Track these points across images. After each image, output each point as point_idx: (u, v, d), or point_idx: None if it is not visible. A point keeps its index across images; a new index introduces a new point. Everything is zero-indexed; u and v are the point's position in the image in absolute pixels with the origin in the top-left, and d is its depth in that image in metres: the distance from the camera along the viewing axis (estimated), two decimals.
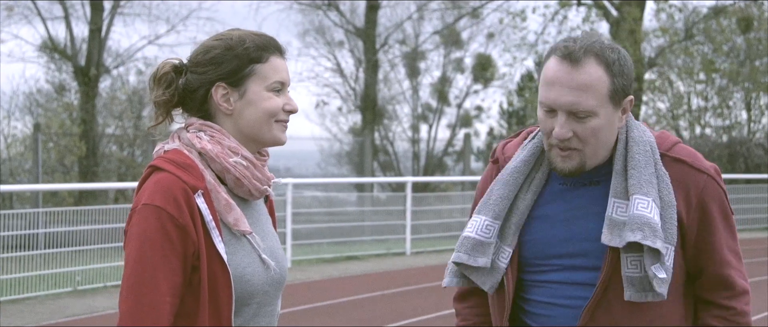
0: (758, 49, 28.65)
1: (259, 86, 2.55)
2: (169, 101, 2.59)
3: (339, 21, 31.54)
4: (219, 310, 2.46)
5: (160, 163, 2.50)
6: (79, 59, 25.70)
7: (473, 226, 2.74)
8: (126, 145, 24.98)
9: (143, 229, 2.43)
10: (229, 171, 2.53)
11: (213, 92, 2.55)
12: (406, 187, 16.84)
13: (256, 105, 2.55)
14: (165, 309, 2.40)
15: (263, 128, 2.56)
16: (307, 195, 20.36)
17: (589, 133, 2.59)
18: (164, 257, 2.42)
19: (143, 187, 2.49)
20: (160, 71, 2.58)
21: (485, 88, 33.16)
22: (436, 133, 32.45)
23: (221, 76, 2.54)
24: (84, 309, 10.69)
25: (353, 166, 30.13)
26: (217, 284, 2.46)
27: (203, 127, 2.56)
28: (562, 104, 2.58)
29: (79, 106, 24.98)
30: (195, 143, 2.53)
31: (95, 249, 12.27)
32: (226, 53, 2.54)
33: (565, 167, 2.64)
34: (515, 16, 28.64)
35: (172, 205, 2.43)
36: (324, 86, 32.67)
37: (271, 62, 2.56)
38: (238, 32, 2.58)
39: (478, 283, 2.74)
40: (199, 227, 2.45)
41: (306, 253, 15.29)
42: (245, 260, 2.52)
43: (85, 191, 20.39)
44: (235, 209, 2.51)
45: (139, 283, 2.41)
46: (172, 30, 27.75)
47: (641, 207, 2.57)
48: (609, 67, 2.58)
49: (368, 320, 9.97)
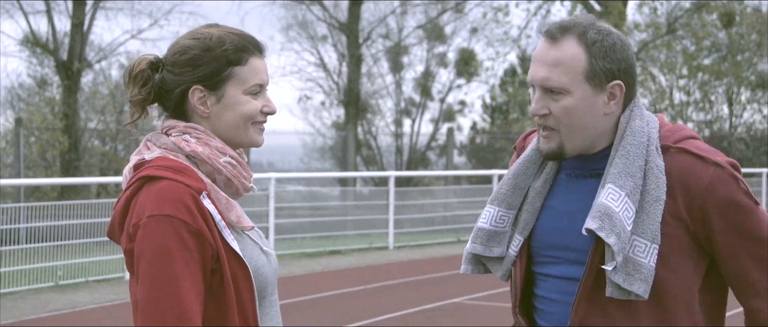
0: (740, 44, 28.78)
1: (237, 90, 2.48)
2: (145, 99, 2.52)
3: (322, 15, 31.51)
4: (244, 308, 2.41)
5: (154, 171, 2.40)
6: (61, 53, 25.60)
7: (487, 217, 2.71)
8: (108, 139, 24.91)
9: (159, 242, 2.32)
10: (220, 172, 2.47)
11: (189, 95, 2.48)
12: (389, 181, 16.84)
13: (234, 109, 2.48)
14: (196, 318, 2.31)
15: (240, 131, 2.50)
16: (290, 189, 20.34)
17: (562, 111, 2.54)
18: (186, 267, 2.32)
19: (141, 201, 2.38)
20: (136, 68, 2.50)
21: (468, 83, 33.21)
22: (419, 128, 32.51)
23: (198, 78, 2.47)
24: (66, 304, 10.66)
25: (336, 160, 30.13)
26: (238, 282, 2.40)
27: (188, 129, 2.48)
28: (535, 79, 2.56)
29: (61, 100, 24.89)
30: (183, 147, 2.46)
31: (77, 244, 12.23)
32: (204, 55, 2.46)
33: (544, 148, 2.60)
34: (498, 10, 28.68)
35: (184, 211, 2.34)
36: (307, 81, 32.67)
37: (250, 64, 2.49)
38: (217, 31, 2.50)
39: (492, 270, 2.74)
40: (213, 229, 2.38)
41: (289, 247, 15.28)
42: (255, 254, 2.48)
43: (67, 186, 20.30)
44: (235, 207, 2.47)
45: (163, 297, 2.30)
46: (155, 24, 27.69)
47: (611, 198, 2.50)
48: (588, 46, 2.53)
49: (351, 314, 9.97)
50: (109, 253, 12.40)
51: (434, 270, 13.29)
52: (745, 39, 28.76)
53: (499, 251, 2.70)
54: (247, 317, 2.42)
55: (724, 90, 30.04)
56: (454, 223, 17.77)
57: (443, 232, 17.54)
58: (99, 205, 12.66)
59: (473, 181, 20.02)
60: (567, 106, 2.54)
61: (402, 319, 9.75)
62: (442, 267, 13.52)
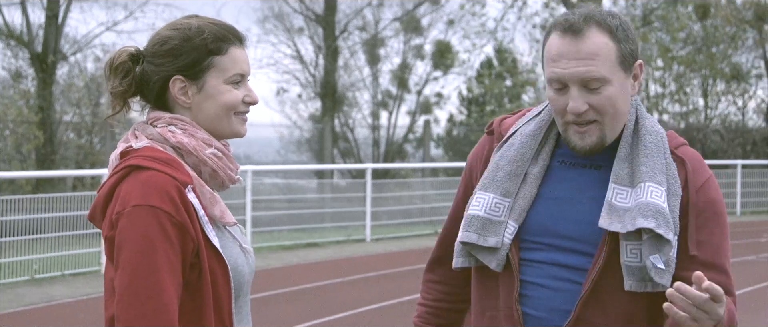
0: (715, 36, 28.93)
1: (218, 79, 2.47)
2: (126, 91, 2.50)
3: (298, 7, 31.47)
4: (220, 305, 2.40)
5: (141, 161, 2.38)
6: (36, 46, 25.45)
7: (481, 204, 2.63)
8: (84, 132, 24.80)
9: (141, 232, 2.31)
10: (205, 163, 2.45)
11: (170, 85, 2.46)
12: (366, 173, 16.85)
13: (215, 98, 2.47)
14: (174, 313, 2.31)
15: (223, 121, 2.49)
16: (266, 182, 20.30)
17: (605, 102, 2.52)
18: (167, 258, 2.31)
19: (125, 189, 2.36)
20: (117, 60, 2.49)
21: (445, 75, 33.24)
22: (396, 120, 32.53)
23: (179, 68, 2.46)
24: (41, 298, 10.62)
25: (313, 153, 30.12)
26: (216, 279, 2.39)
27: (173, 120, 2.47)
28: (572, 76, 2.52)
29: (36, 93, 24.75)
30: (169, 138, 2.44)
31: (53, 237, 12.17)
32: (184, 45, 2.45)
33: (585, 144, 2.56)
34: (475, 2, 28.71)
35: (168, 203, 2.32)
36: (284, 73, 32.65)
37: (230, 54, 2.48)
38: (197, 21, 2.49)
39: (486, 261, 2.63)
40: (195, 223, 2.36)
41: (266, 240, 15.26)
42: (234, 252, 2.46)
43: (43, 179, 20.20)
44: (219, 202, 2.45)
45: (142, 287, 2.29)
46: (130, 16, 27.56)
47: (655, 195, 2.51)
48: (613, 33, 2.53)
49: (328, 307, 9.98)
50: (86, 246, 12.35)
51: (412, 262, 13.30)
52: (719, 31, 28.92)
53: (495, 241, 2.61)
54: (223, 314, 2.40)
55: (699, 82, 30.20)
56: (431, 215, 17.79)
57: (420, 225, 17.56)
58: (75, 198, 12.60)
59: (450, 173, 20.03)
60: (610, 96, 2.52)
61: (380, 312, 9.76)
62: (419, 259, 13.52)
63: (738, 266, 13.27)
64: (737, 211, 21.64)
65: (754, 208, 22.06)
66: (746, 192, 22.04)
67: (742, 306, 2.82)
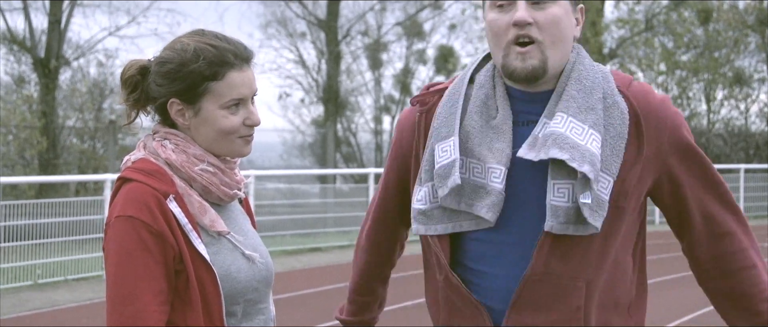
0: (717, 41, 28.94)
1: (214, 105, 2.46)
2: (136, 103, 2.54)
3: (301, 12, 31.50)
4: (210, 311, 2.43)
5: (129, 173, 2.46)
6: (39, 51, 25.49)
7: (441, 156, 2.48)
8: (87, 137, 24.83)
9: (119, 242, 2.38)
10: (195, 180, 2.48)
11: (168, 107, 2.49)
12: (369, 178, 16.85)
13: (211, 124, 2.48)
14: (151, 318, 2.35)
15: (221, 145, 2.50)
16: (269, 187, 20.31)
17: (549, 20, 2.42)
18: (145, 266, 2.36)
19: (115, 201, 2.45)
20: (126, 73, 2.52)
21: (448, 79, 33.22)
22: None
23: (175, 92, 2.47)
24: (45, 302, 10.62)
25: (316, 157, 30.14)
26: (204, 285, 2.42)
27: (167, 135, 2.51)
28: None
29: (39, 98, 24.78)
30: (160, 153, 2.48)
31: (56, 242, 12.17)
32: (180, 69, 2.45)
33: (526, 66, 2.42)
34: (477, 7, 28.73)
35: (145, 213, 2.38)
36: (286, 78, 32.70)
37: (227, 79, 2.46)
38: (196, 43, 2.47)
39: (479, 212, 2.45)
40: (176, 231, 2.40)
41: (269, 244, 15.24)
42: (229, 259, 2.48)
43: (46, 184, 20.21)
44: (209, 211, 2.47)
45: (121, 295, 2.36)
46: (133, 21, 27.63)
47: (575, 132, 2.37)
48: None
49: (331, 312, 9.95)
50: (88, 251, 12.35)
51: (415, 267, 13.24)
52: (722, 35, 28.93)
53: (452, 180, 2.43)
54: (214, 319, 2.43)
55: (701, 86, 30.21)
56: None
57: None
58: (78, 203, 12.60)
59: None
60: (556, 15, 2.44)
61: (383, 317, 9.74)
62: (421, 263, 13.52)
63: None
64: None
65: (757, 213, 22.04)
66: (749, 197, 22.02)
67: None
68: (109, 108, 25.79)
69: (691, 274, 2.68)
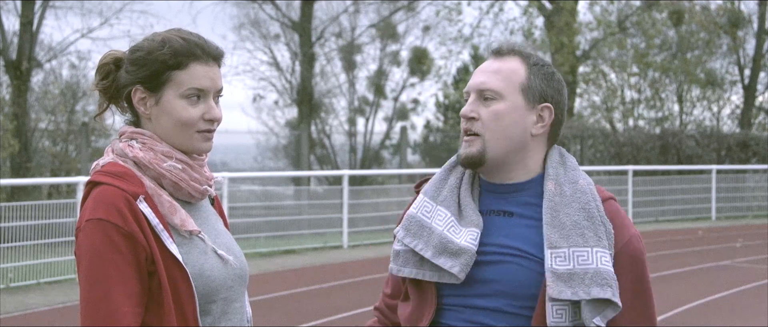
0: (690, 42, 29.10)
1: (174, 93, 2.50)
2: (107, 90, 2.58)
3: (275, 14, 31.45)
4: (183, 311, 2.44)
5: (97, 177, 2.47)
6: (10, 53, 25.30)
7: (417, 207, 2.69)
8: (59, 139, 24.67)
9: (90, 245, 2.39)
10: (164, 176, 2.50)
11: (132, 94, 2.53)
12: (343, 180, 16.84)
13: (170, 114, 2.51)
14: (125, 319, 2.37)
15: (181, 137, 2.52)
16: (243, 189, 20.27)
17: (490, 115, 2.58)
18: (116, 268, 2.38)
19: (85, 205, 2.46)
20: (102, 61, 2.58)
21: (421, 82, 33.29)
22: (373, 127, 32.56)
23: (140, 79, 2.51)
24: (16, 306, 10.55)
25: (290, 159, 30.08)
26: (177, 284, 2.44)
27: (134, 135, 2.53)
28: (472, 85, 2.62)
29: (11, 100, 24.60)
30: (127, 153, 2.50)
31: (28, 245, 12.10)
32: (147, 56, 2.50)
33: (464, 153, 2.60)
34: (451, 9, 28.77)
35: (115, 215, 2.39)
36: (260, 80, 32.61)
37: (190, 69, 2.50)
38: (168, 34, 2.54)
39: (450, 268, 2.57)
40: (147, 232, 2.42)
41: (243, 247, 15.09)
42: (201, 258, 2.50)
43: (18, 187, 20.07)
44: (179, 211, 2.49)
45: (94, 298, 2.37)
46: (106, 23, 27.43)
47: (604, 261, 2.52)
48: (529, 66, 2.61)
49: (306, 314, 9.96)
50: (61, 254, 12.28)
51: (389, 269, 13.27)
52: (694, 37, 29.10)
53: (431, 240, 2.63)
54: (187, 320, 2.45)
55: (674, 88, 30.37)
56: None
57: None
58: (50, 206, 12.52)
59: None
60: (497, 110, 2.59)
61: (357, 319, 9.75)
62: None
63: (714, 271, 13.36)
64: (712, 216, 21.76)
65: (729, 213, 22.19)
66: (721, 197, 22.17)
67: (718, 311, 2.84)
68: (81, 110, 25.66)
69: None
